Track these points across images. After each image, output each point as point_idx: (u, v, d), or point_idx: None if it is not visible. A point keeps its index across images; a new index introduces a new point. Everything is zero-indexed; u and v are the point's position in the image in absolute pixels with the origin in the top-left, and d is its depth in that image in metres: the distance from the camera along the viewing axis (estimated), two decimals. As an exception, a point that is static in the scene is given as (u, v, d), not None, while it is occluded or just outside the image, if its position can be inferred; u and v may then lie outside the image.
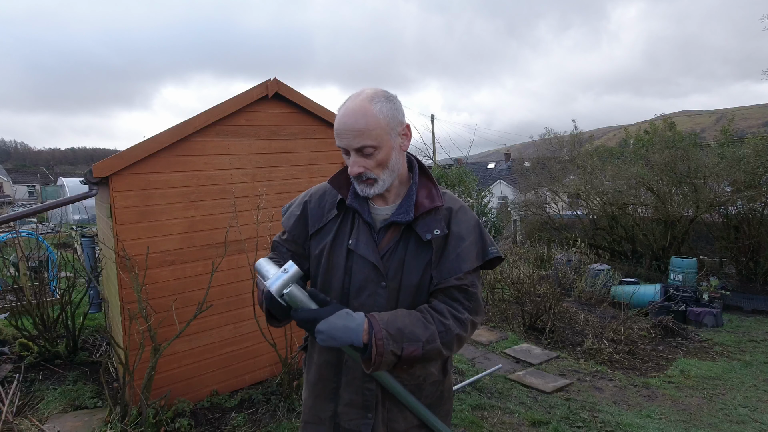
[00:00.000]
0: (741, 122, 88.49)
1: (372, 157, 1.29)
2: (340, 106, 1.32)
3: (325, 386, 1.45)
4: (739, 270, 9.70)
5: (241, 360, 3.92)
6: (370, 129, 1.26)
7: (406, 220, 1.34)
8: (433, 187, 1.42)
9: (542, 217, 13.53)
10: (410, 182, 1.42)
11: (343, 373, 1.42)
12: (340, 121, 1.29)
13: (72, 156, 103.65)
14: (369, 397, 1.39)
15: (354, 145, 1.27)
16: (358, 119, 1.26)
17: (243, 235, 3.69)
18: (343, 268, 1.38)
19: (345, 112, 1.28)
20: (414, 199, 1.37)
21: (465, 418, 3.56)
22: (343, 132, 1.28)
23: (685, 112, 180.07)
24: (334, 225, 1.42)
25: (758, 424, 3.74)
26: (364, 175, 1.31)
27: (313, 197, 1.50)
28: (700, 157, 10.27)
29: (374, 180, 1.32)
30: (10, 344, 4.83)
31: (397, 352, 1.22)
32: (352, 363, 1.40)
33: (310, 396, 1.49)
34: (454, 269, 1.33)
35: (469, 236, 1.37)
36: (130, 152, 3.29)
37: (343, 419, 1.42)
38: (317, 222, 1.45)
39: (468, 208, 1.45)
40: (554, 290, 6.39)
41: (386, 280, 1.34)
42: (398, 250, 1.36)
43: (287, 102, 4.02)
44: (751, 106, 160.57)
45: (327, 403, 1.45)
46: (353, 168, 1.30)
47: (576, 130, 19.06)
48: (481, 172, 30.89)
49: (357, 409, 1.40)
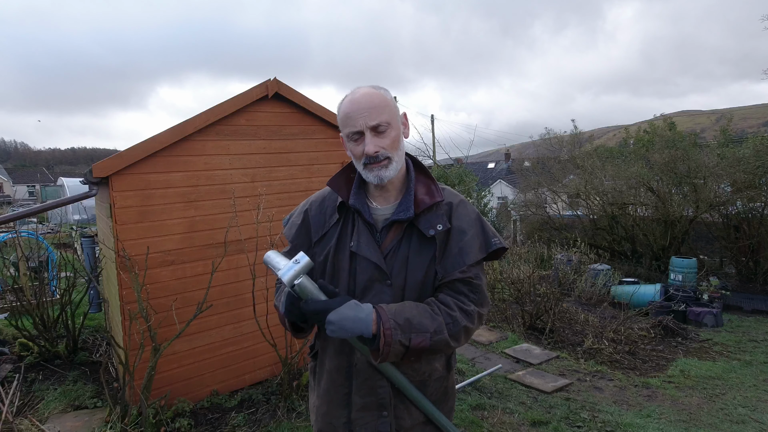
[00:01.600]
0: (741, 122, 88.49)
1: (386, 136, 1.31)
2: (344, 99, 1.35)
3: (337, 392, 1.44)
4: (739, 270, 9.70)
5: (241, 360, 3.92)
6: (384, 106, 1.31)
7: (408, 218, 1.35)
8: (431, 183, 1.43)
9: (542, 217, 13.53)
10: (407, 180, 1.44)
11: (354, 376, 1.41)
12: (353, 103, 1.31)
13: (72, 156, 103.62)
14: (383, 395, 1.40)
15: (370, 122, 1.28)
16: (373, 98, 1.31)
17: (243, 235, 3.69)
18: (347, 270, 1.38)
19: (355, 98, 1.32)
20: (413, 196, 1.39)
21: (465, 418, 3.56)
22: (358, 111, 1.29)
23: (685, 112, 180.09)
24: (336, 229, 1.42)
25: (758, 424, 3.74)
26: (381, 155, 1.30)
27: (314, 205, 1.50)
28: (700, 157, 10.27)
29: (389, 159, 1.32)
30: (10, 344, 4.83)
31: (405, 342, 1.24)
32: (362, 366, 1.40)
33: (323, 403, 1.48)
34: (458, 263, 1.35)
35: (471, 229, 1.39)
36: (130, 152, 3.29)
37: (357, 425, 1.41)
38: (320, 229, 1.46)
39: (468, 202, 1.47)
40: (554, 290, 6.39)
41: (390, 278, 1.35)
42: (401, 249, 1.36)
43: (287, 102, 4.02)
44: (750, 106, 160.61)
45: (340, 409, 1.44)
46: (369, 147, 1.29)
47: (576, 130, 19.05)
48: (481, 172, 30.90)
49: (372, 410, 1.40)
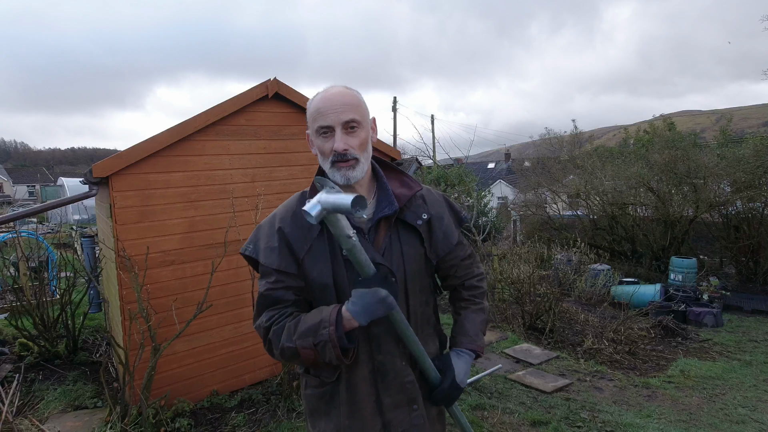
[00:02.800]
0: (741, 122, 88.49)
1: (356, 135, 1.31)
2: (316, 96, 1.34)
3: (367, 403, 1.39)
4: (739, 270, 9.70)
5: (241, 360, 3.92)
6: (355, 104, 1.32)
7: (394, 212, 1.37)
8: (402, 176, 1.48)
9: (542, 217, 13.52)
10: (376, 179, 1.45)
11: (378, 381, 1.39)
12: (326, 99, 1.30)
13: (72, 156, 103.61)
14: (411, 390, 1.41)
15: (342, 119, 1.28)
16: (345, 96, 1.31)
17: (243, 235, 3.69)
18: (345, 278, 1.34)
19: (328, 95, 1.31)
20: (389, 191, 1.40)
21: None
22: (330, 107, 1.29)
23: (685, 112, 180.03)
24: (322, 241, 1.35)
25: (758, 424, 3.74)
26: (349, 154, 1.29)
27: (284, 222, 1.38)
28: (700, 157, 10.26)
29: (356, 160, 1.31)
30: (10, 344, 4.83)
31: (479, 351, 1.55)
32: (386, 366, 1.38)
33: (347, 417, 1.40)
34: (446, 246, 1.47)
35: (445, 213, 1.50)
36: (130, 152, 3.29)
37: (393, 426, 1.40)
38: (303, 243, 1.35)
39: (432, 188, 1.56)
40: (554, 290, 6.39)
41: (394, 274, 1.35)
42: (394, 243, 1.39)
43: (287, 102, 4.02)
44: (750, 106, 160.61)
45: (375, 417, 1.39)
46: (339, 144, 1.28)
47: (576, 130, 19.06)
48: (481, 172, 30.90)
49: (403, 407, 1.41)
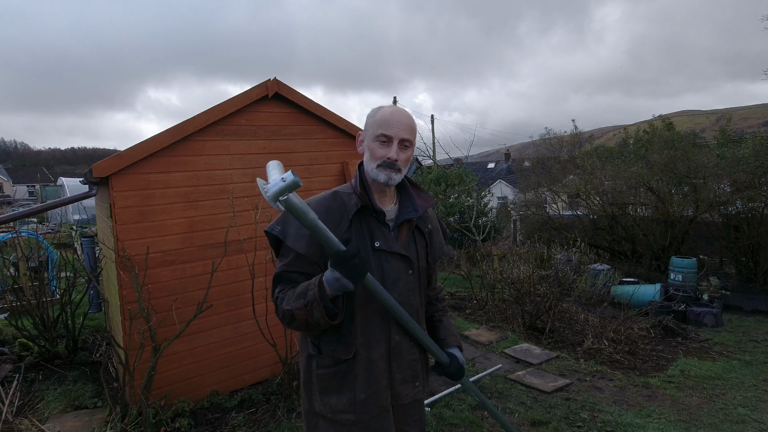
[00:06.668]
0: (740, 122, 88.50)
1: (405, 152, 1.57)
2: (384, 107, 1.59)
3: (381, 375, 1.58)
4: (739, 270, 9.69)
5: (241, 360, 3.92)
6: (413, 129, 1.59)
7: (417, 216, 1.64)
8: (420, 190, 1.74)
9: (542, 217, 13.51)
10: (398, 187, 1.69)
11: (393, 358, 1.60)
12: (394, 114, 1.55)
13: (72, 156, 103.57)
14: (416, 367, 1.67)
15: (402, 135, 1.54)
16: (410, 120, 1.58)
17: (242, 235, 3.69)
18: (374, 267, 1.55)
19: (397, 112, 1.56)
20: (414, 199, 1.67)
21: (465, 418, 3.56)
22: (396, 123, 1.53)
23: (685, 112, 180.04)
24: (350, 234, 1.53)
25: (758, 424, 3.74)
26: (397, 165, 1.54)
27: (318, 212, 1.45)
28: (700, 157, 10.25)
29: (399, 171, 1.56)
30: (10, 344, 4.83)
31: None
32: (395, 344, 1.60)
33: (363, 391, 1.55)
34: (441, 253, 1.81)
35: (439, 228, 1.83)
36: (130, 152, 3.29)
37: (400, 398, 1.63)
38: (335, 235, 1.44)
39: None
40: (554, 290, 6.38)
41: (413, 268, 1.64)
42: (411, 242, 1.66)
43: (287, 102, 4.02)
44: (750, 106, 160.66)
45: (386, 391, 1.59)
46: (393, 155, 1.53)
47: (576, 130, 19.05)
48: (481, 172, 30.89)
49: (408, 382, 1.65)
